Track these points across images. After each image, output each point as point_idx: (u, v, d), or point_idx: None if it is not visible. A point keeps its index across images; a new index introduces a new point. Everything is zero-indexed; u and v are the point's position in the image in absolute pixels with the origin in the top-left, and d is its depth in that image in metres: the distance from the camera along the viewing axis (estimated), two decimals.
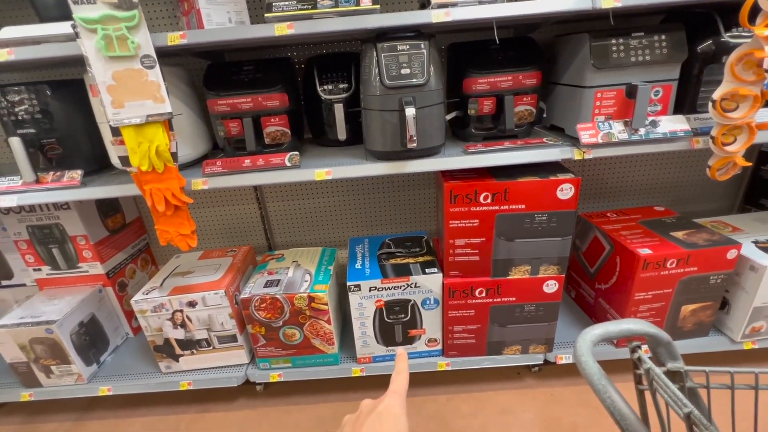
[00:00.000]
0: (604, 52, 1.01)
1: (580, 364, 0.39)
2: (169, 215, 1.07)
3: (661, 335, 0.42)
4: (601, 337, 0.42)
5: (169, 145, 1.00)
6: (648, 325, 0.43)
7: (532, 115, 1.16)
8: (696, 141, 1.05)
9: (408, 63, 0.97)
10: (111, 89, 0.92)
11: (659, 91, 1.04)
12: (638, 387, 0.44)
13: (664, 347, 0.42)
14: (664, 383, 0.37)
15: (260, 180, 1.09)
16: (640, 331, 0.42)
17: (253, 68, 1.16)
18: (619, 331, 0.42)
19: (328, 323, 1.29)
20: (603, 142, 1.03)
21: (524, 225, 1.15)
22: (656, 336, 0.42)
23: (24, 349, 1.31)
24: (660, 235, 1.28)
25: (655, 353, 0.44)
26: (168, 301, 1.28)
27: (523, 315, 1.28)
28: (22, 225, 1.40)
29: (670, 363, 0.43)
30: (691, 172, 1.67)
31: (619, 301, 1.30)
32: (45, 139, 1.13)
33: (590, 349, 0.40)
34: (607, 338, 0.42)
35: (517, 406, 1.35)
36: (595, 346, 0.42)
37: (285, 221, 1.73)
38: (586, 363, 0.38)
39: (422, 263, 1.29)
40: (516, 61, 1.11)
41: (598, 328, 0.42)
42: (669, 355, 0.43)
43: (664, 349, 0.43)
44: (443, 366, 1.36)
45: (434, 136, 1.05)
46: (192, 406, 1.46)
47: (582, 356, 0.39)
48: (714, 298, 1.27)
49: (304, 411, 1.40)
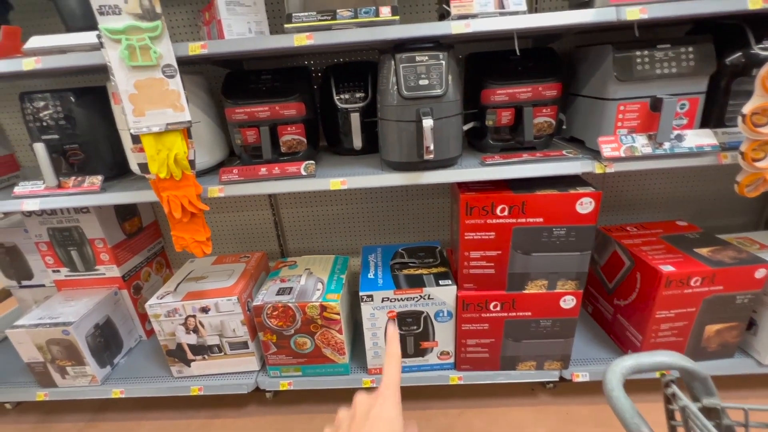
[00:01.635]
0: (627, 64, 0.98)
1: (610, 399, 0.37)
2: (186, 222, 1.08)
3: (698, 371, 0.40)
4: (633, 369, 0.40)
5: (187, 153, 1.01)
6: (683, 359, 0.40)
7: (551, 127, 1.14)
8: (724, 156, 1.01)
9: (426, 74, 0.96)
10: (132, 98, 0.93)
11: (685, 104, 1.01)
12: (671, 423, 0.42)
13: (699, 382, 0.40)
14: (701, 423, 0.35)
15: (276, 189, 1.09)
16: (675, 364, 0.39)
17: (270, 77, 1.17)
18: (652, 363, 0.40)
19: (339, 333, 1.28)
20: (626, 155, 1.00)
21: (542, 239, 1.12)
22: (692, 371, 0.40)
23: (41, 350, 1.34)
24: (683, 251, 1.24)
25: (690, 388, 0.41)
26: (181, 306, 1.29)
27: (539, 330, 1.24)
28: (44, 227, 1.43)
29: (705, 399, 0.41)
30: (713, 185, 1.61)
31: (639, 319, 1.26)
32: (68, 145, 1.15)
33: (621, 383, 0.38)
34: (638, 371, 0.40)
35: (531, 424, 1.31)
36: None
37: (298, 228, 1.73)
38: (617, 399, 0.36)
39: (436, 274, 1.27)
40: (536, 72, 1.10)
41: (629, 359, 0.40)
42: (705, 390, 0.41)
43: (700, 384, 0.40)
44: (455, 380, 1.33)
45: (451, 147, 1.04)
46: (202, 411, 1.46)
47: (613, 391, 0.37)
48: (740, 318, 1.22)
49: (313, 420, 1.39)
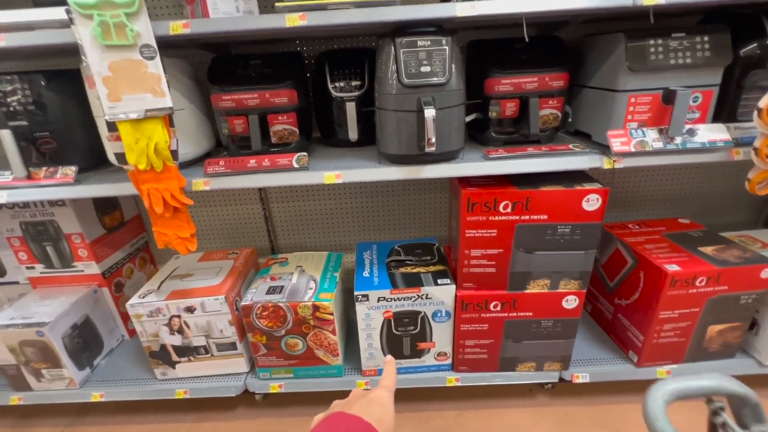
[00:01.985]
0: (640, 53, 0.93)
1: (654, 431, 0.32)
2: (168, 217, 1.00)
3: (750, 396, 0.35)
4: (677, 395, 0.35)
5: (168, 142, 0.93)
6: (735, 383, 0.35)
7: (557, 120, 1.08)
8: (736, 152, 0.97)
9: (428, 60, 0.90)
10: (107, 81, 0.85)
11: (698, 97, 0.96)
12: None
13: (750, 409, 0.35)
14: None
15: (266, 182, 1.02)
16: (725, 389, 0.35)
17: (260, 62, 1.09)
18: (700, 388, 0.35)
19: (332, 334, 1.22)
20: (636, 150, 0.96)
21: (545, 237, 1.07)
22: (744, 397, 0.35)
23: (14, 352, 1.25)
24: (687, 250, 1.21)
25: (739, 415, 0.37)
26: (165, 306, 1.21)
27: (540, 331, 1.20)
28: (15, 221, 1.33)
29: (755, 426, 0.36)
30: (714, 182, 1.58)
31: (641, 319, 1.23)
32: (38, 133, 1.06)
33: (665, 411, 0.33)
34: (684, 396, 0.35)
35: (530, 425, 1.28)
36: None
37: (289, 223, 1.66)
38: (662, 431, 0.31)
39: (434, 273, 1.22)
40: (542, 62, 1.04)
41: (672, 383, 0.35)
42: (754, 416, 0.36)
43: (750, 411, 0.36)
44: (452, 381, 1.29)
45: (453, 139, 0.98)
46: (188, 414, 1.40)
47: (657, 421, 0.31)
48: (744, 318, 1.20)
49: (305, 424, 1.34)
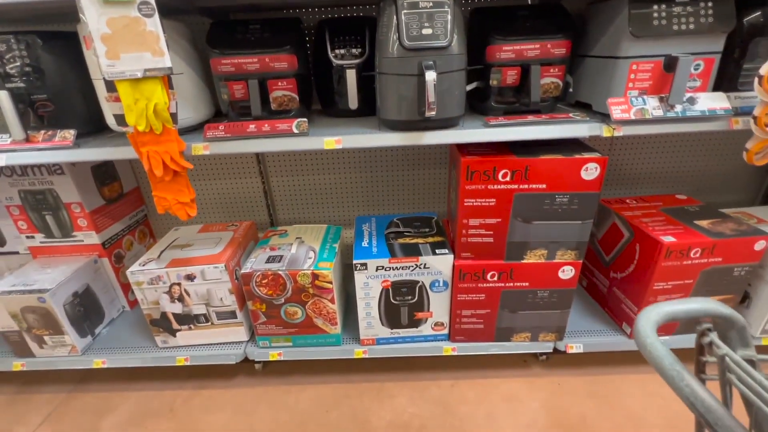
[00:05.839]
0: (644, 18, 0.92)
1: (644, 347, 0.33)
2: (168, 181, 1.00)
3: (737, 318, 0.36)
4: (668, 316, 0.36)
5: (168, 104, 0.92)
6: (721, 306, 0.37)
7: (558, 89, 1.08)
8: (735, 121, 0.98)
9: (430, 22, 0.89)
10: (105, 38, 0.84)
11: (700, 64, 0.96)
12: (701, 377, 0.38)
13: (737, 331, 0.36)
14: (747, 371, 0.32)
15: (265, 147, 1.02)
16: (712, 311, 0.36)
17: (260, 27, 1.08)
18: (688, 310, 0.36)
19: (331, 302, 1.24)
20: (636, 118, 0.96)
21: (544, 206, 1.08)
22: (731, 318, 0.36)
23: (16, 318, 1.27)
24: (684, 223, 1.22)
25: (726, 338, 0.38)
26: (165, 274, 1.23)
27: (536, 301, 1.22)
28: (14, 189, 1.33)
29: (740, 350, 0.37)
30: (712, 161, 1.59)
31: (635, 291, 1.25)
32: (35, 95, 1.05)
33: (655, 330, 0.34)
34: (673, 318, 0.36)
35: (524, 395, 1.31)
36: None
37: (288, 197, 1.67)
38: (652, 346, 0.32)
39: (432, 244, 1.23)
40: (544, 29, 1.03)
41: (664, 306, 0.36)
42: (741, 340, 0.37)
43: (736, 333, 0.37)
44: (449, 351, 1.31)
45: (454, 105, 0.97)
46: (189, 382, 1.42)
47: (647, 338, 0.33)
48: (736, 290, 1.21)
49: (304, 391, 1.36)
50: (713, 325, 0.36)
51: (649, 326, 0.33)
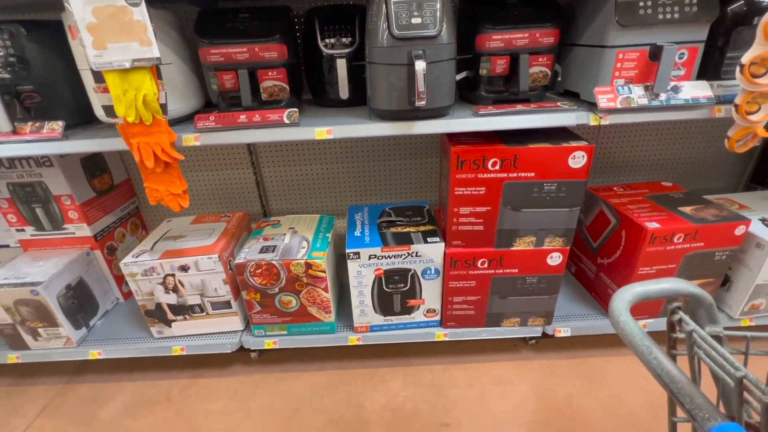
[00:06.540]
0: (630, 7, 0.93)
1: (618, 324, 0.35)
2: (159, 172, 1.00)
3: (704, 296, 0.39)
4: (640, 296, 0.38)
5: (157, 95, 0.92)
6: (689, 285, 0.39)
7: (546, 78, 1.09)
8: (718, 109, 1.00)
9: (419, 11, 0.89)
10: (92, 28, 0.83)
11: (684, 53, 0.98)
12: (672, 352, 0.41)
13: (705, 309, 0.39)
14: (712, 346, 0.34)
15: (256, 137, 1.02)
16: (682, 290, 0.38)
17: (249, 16, 1.07)
18: (660, 290, 0.38)
19: (325, 291, 1.26)
20: (622, 107, 0.98)
21: (532, 194, 1.10)
22: (699, 296, 0.38)
23: (9, 311, 1.27)
24: (668, 209, 1.25)
25: (695, 316, 0.40)
26: (159, 265, 1.23)
27: (525, 287, 1.25)
28: (2, 182, 1.32)
29: (708, 327, 0.40)
30: (697, 148, 1.62)
31: (621, 276, 1.29)
32: (21, 86, 1.04)
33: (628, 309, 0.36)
34: (645, 297, 0.39)
35: (514, 378, 1.35)
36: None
37: (281, 188, 1.67)
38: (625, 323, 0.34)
39: (424, 232, 1.25)
40: (533, 18, 1.04)
41: (636, 286, 0.39)
42: (708, 317, 0.40)
43: (705, 311, 0.39)
44: (441, 336, 1.34)
45: (444, 95, 0.98)
46: (185, 371, 1.44)
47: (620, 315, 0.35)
48: (717, 274, 1.26)
49: (299, 378, 1.39)
50: (684, 304, 0.39)
51: (623, 305, 0.36)
